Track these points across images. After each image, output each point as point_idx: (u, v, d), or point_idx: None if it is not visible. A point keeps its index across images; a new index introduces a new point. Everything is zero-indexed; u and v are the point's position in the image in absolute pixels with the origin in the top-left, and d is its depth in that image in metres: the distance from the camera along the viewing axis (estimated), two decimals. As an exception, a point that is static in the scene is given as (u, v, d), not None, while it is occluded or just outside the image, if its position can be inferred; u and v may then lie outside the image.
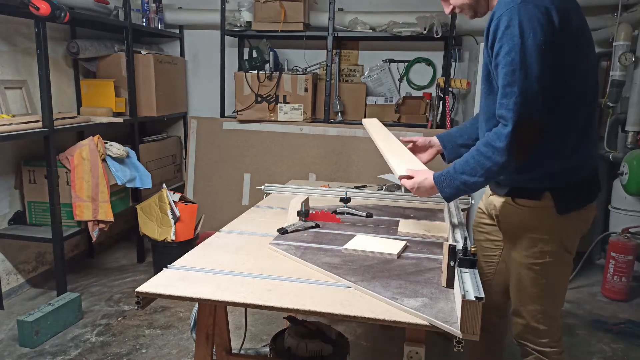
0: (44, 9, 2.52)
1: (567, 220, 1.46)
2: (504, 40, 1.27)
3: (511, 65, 1.26)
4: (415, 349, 1.28)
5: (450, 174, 1.44)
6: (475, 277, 1.19)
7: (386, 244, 1.62)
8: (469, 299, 1.06)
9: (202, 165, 4.01)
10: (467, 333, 1.08)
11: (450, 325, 1.10)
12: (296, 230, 1.79)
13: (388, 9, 3.81)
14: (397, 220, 1.94)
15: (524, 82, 1.24)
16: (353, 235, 1.72)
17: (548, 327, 1.57)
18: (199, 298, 1.27)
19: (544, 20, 1.25)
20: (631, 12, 3.36)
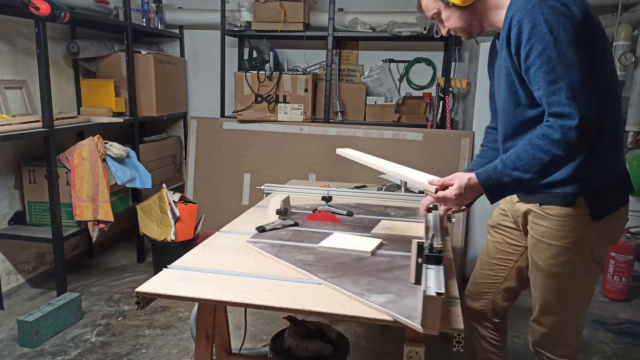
0: (44, 9, 2.52)
1: (598, 230, 1.42)
2: (533, 41, 1.24)
3: (549, 63, 1.22)
4: (415, 349, 1.28)
5: (498, 171, 1.31)
6: (439, 273, 1.20)
7: (362, 242, 1.64)
8: (430, 294, 1.08)
9: (202, 165, 4.01)
10: (428, 328, 1.09)
11: (412, 321, 1.12)
12: (275, 229, 1.81)
13: (388, 9, 3.80)
14: (377, 219, 1.95)
15: (568, 78, 1.21)
16: (331, 234, 1.74)
17: (568, 337, 1.55)
18: (199, 298, 1.28)
19: (569, 15, 1.23)
20: (631, 12, 3.35)
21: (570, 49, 1.21)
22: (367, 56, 4.16)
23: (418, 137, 3.62)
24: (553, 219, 1.44)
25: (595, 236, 1.43)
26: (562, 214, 1.42)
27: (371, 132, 3.73)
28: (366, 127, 3.76)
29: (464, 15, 1.44)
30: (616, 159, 1.42)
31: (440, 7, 1.46)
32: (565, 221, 1.42)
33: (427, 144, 3.60)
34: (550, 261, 1.47)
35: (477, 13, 1.44)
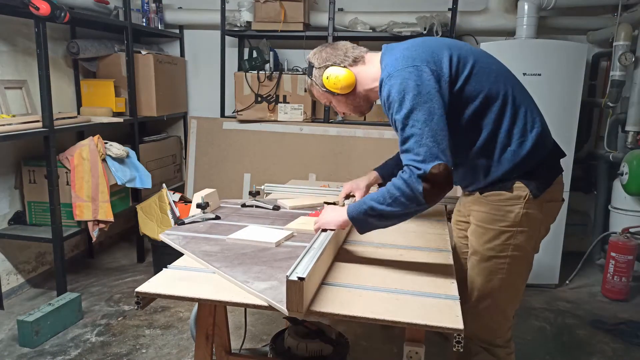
0: (44, 9, 2.52)
1: (537, 208, 1.50)
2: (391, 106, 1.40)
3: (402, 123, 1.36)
4: (415, 349, 1.28)
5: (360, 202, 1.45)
6: (312, 260, 1.26)
7: (271, 234, 1.69)
8: (292, 278, 1.14)
9: (202, 165, 4.01)
10: (292, 311, 1.17)
11: (282, 305, 1.18)
12: (194, 222, 1.85)
13: (388, 9, 3.80)
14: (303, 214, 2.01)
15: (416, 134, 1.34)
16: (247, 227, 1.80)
17: (498, 324, 1.61)
18: (199, 298, 1.28)
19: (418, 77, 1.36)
20: (631, 12, 3.36)
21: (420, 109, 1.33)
22: (367, 56, 4.15)
23: (418, 137, 3.61)
24: (491, 204, 1.53)
25: (534, 216, 1.51)
26: (500, 198, 1.51)
27: (371, 132, 3.73)
28: (366, 127, 3.76)
29: (349, 99, 1.60)
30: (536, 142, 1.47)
31: (329, 97, 1.63)
32: (503, 205, 1.51)
33: (427, 144, 3.59)
34: (487, 245, 1.56)
35: (362, 94, 1.59)
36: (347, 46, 1.60)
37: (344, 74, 1.54)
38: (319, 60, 1.59)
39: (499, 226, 1.53)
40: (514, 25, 3.45)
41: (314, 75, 1.60)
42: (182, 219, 1.85)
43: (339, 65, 1.55)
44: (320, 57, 1.59)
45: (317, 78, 1.60)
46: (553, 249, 3.30)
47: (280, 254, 1.55)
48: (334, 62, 1.56)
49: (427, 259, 1.59)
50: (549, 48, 3.18)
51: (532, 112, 1.50)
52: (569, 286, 3.44)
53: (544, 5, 3.38)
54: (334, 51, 1.58)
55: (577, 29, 3.72)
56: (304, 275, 1.15)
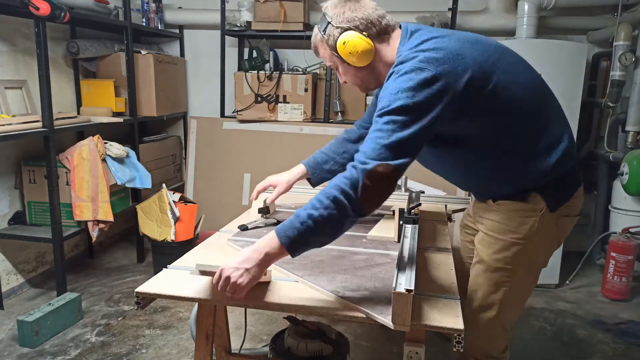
0: (44, 9, 2.52)
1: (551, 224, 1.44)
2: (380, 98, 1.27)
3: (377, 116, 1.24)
4: (415, 349, 1.28)
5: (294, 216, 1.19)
6: (411, 271, 1.20)
7: None
8: (399, 290, 1.09)
9: (202, 165, 4.00)
10: (398, 324, 1.11)
11: (384, 317, 1.13)
12: (257, 227, 1.82)
13: (388, 9, 3.77)
14: None
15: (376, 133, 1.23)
16: None
17: (497, 336, 1.56)
18: (199, 298, 1.28)
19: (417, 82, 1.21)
20: (631, 12, 3.36)
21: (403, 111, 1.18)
22: (367, 56, 4.15)
23: (418, 137, 3.61)
24: (504, 213, 1.45)
25: (547, 230, 1.44)
26: (514, 208, 1.44)
27: (371, 132, 3.73)
28: (366, 127, 3.75)
29: (360, 72, 1.43)
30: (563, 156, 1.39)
31: (336, 62, 1.44)
32: (516, 216, 1.43)
33: (427, 144, 3.59)
34: (495, 256, 1.48)
35: (375, 71, 1.42)
36: (373, 11, 1.36)
37: (364, 47, 1.34)
38: (339, 18, 1.36)
39: (509, 237, 1.45)
40: (514, 25, 3.45)
41: (328, 33, 1.38)
42: (244, 224, 1.79)
43: (362, 32, 1.34)
44: (340, 14, 1.36)
45: (330, 37, 1.38)
46: (553, 249, 3.30)
47: (358, 262, 1.49)
48: (356, 26, 1.34)
49: (427, 258, 1.59)
50: (549, 48, 3.17)
51: (561, 125, 1.42)
52: (569, 286, 3.44)
53: (544, 5, 3.38)
54: (359, 11, 1.35)
55: (577, 29, 3.72)
56: (411, 287, 1.09)
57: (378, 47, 1.37)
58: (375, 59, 1.38)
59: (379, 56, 1.38)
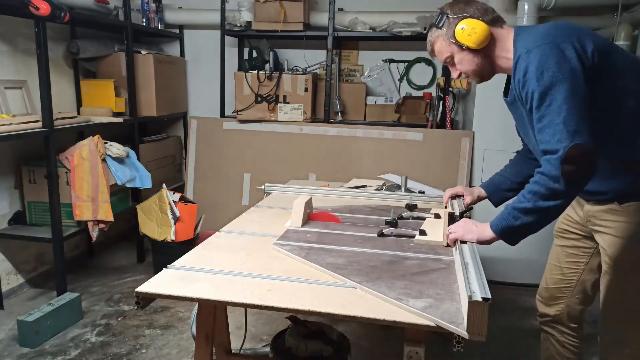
0: (44, 9, 2.52)
1: None
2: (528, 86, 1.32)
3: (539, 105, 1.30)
4: (415, 349, 1.28)
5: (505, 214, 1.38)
6: (481, 277, 1.19)
7: None
8: (476, 299, 1.06)
9: (202, 165, 4.00)
10: (474, 334, 1.08)
11: (456, 326, 1.10)
12: None
13: (388, 9, 3.80)
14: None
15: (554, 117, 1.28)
16: (356, 236, 1.73)
17: None
18: (199, 298, 1.28)
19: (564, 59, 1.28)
20: (631, 12, 3.35)
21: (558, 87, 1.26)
22: (367, 56, 4.15)
23: (418, 137, 3.62)
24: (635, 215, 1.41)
25: None
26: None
27: (371, 132, 3.73)
28: (366, 127, 3.76)
29: (477, 58, 1.49)
30: None
31: (453, 50, 1.50)
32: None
33: (427, 144, 3.59)
34: (630, 260, 1.44)
35: (490, 57, 1.49)
36: (487, 4, 1.52)
37: (481, 28, 1.44)
38: (456, 10, 1.48)
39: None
40: (514, 25, 3.44)
41: (445, 25, 1.48)
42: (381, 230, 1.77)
43: (478, 18, 1.45)
44: (457, 8, 1.48)
45: (448, 27, 1.48)
46: (553, 249, 3.30)
47: (413, 267, 1.47)
48: (472, 14, 1.46)
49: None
50: (549, 48, 3.17)
51: None
52: (569, 286, 3.43)
53: (544, 5, 3.38)
54: (474, 4, 1.48)
55: (577, 29, 3.72)
56: (488, 296, 1.07)
57: (493, 31, 1.47)
58: (491, 43, 1.47)
59: (495, 41, 1.47)
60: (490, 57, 1.49)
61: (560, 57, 1.27)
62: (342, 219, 1.96)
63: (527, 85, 1.31)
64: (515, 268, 3.34)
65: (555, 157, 1.24)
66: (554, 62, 1.27)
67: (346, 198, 2.33)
